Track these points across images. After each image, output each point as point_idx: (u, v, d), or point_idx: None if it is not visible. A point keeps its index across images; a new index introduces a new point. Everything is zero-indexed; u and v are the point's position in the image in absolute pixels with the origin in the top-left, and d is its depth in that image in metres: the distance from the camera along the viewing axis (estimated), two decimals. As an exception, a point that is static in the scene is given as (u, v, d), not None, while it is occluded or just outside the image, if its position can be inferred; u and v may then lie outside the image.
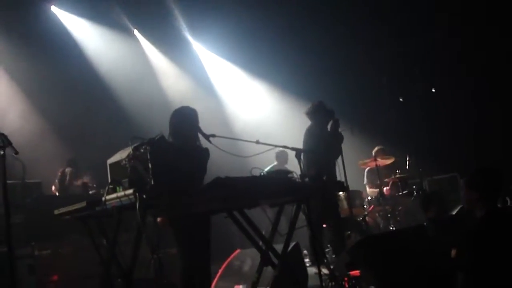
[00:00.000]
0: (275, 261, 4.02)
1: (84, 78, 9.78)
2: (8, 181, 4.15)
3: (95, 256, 4.28)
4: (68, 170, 8.52)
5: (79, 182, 8.33)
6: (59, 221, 4.59)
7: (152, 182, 3.45)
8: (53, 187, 8.56)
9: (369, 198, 8.30)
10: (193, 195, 3.52)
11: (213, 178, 3.42)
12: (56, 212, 4.29)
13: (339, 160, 6.24)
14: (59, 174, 8.55)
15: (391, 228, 7.76)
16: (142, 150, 3.63)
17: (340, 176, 6.05)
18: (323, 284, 4.12)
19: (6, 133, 3.63)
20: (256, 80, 11.54)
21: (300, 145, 6.12)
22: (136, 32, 10.98)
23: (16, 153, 3.57)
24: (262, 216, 4.27)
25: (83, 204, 3.78)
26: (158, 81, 11.09)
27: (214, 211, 3.77)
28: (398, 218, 7.83)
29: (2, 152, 3.44)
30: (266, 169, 6.36)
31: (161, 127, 4.31)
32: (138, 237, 3.84)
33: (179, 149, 4.24)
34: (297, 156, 4.34)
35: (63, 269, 6.29)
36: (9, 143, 3.56)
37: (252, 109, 11.48)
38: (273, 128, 10.31)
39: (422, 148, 8.63)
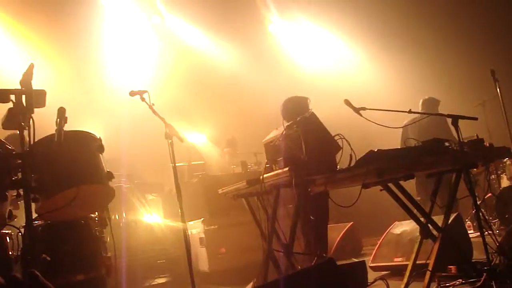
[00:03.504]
0: (435, 233, 3.90)
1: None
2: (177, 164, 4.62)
3: (257, 230, 4.55)
4: (226, 150, 9.02)
5: (237, 162, 8.77)
6: (223, 199, 4.95)
7: (306, 159, 3.55)
8: None
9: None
10: (348, 169, 3.55)
11: (366, 152, 3.41)
12: (220, 191, 4.62)
13: (502, 122, 5.77)
14: (219, 154, 9.13)
15: None
16: (295, 128, 3.75)
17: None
18: (490, 258, 3.86)
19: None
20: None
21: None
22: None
23: (182, 141, 3.96)
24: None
25: (243, 183, 4.03)
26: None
27: (369, 184, 3.76)
28: None
29: (170, 141, 3.85)
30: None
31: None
32: (296, 212, 3.99)
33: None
34: (454, 123, 4.10)
35: (229, 242, 6.75)
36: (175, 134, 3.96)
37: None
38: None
39: None
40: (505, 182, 7.55)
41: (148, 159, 8.77)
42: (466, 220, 7.06)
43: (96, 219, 3.85)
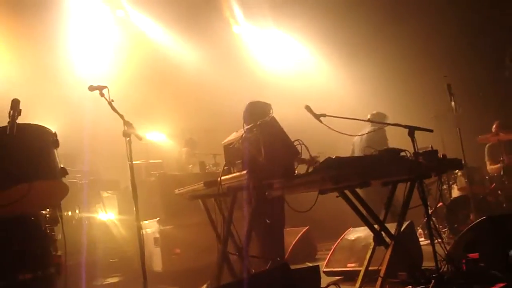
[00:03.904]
0: (388, 240, 3.98)
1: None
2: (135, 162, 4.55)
3: (213, 232, 4.53)
4: (184, 149, 8.96)
5: (195, 161, 8.72)
6: (179, 199, 4.90)
7: (264, 163, 3.56)
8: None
9: (491, 175, 7.82)
10: (306, 175, 3.58)
11: (324, 159, 3.45)
12: (176, 191, 4.58)
13: (458, 135, 5.97)
14: (178, 153, 9.06)
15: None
16: (254, 131, 3.76)
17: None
18: (439, 265, 3.98)
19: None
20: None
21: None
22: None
23: (140, 139, 3.89)
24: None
25: (201, 184, 4.00)
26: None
27: (326, 190, 3.80)
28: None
29: (128, 138, 3.78)
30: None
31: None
32: (252, 216, 4.00)
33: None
34: (410, 134, 4.21)
35: (184, 243, 6.69)
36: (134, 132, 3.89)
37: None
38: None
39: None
40: (455, 192, 7.80)
41: (108, 155, 8.59)
42: (418, 228, 7.25)
43: (47, 216, 3.74)
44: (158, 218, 6.81)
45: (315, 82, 11.17)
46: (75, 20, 9.52)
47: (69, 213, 6.73)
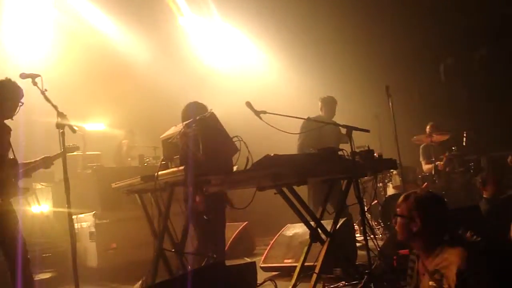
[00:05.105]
0: (324, 237, 4.05)
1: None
2: (70, 154, 4.40)
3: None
4: (124, 142, 8.76)
5: (135, 154, 8.55)
6: (117, 192, 4.78)
7: (202, 159, 3.53)
8: None
9: (424, 174, 8.13)
10: (244, 172, 3.58)
11: (262, 156, 3.46)
12: (113, 185, 4.47)
13: (393, 135, 6.15)
14: (117, 146, 8.84)
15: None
16: (193, 127, 3.71)
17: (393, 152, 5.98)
18: (371, 261, 4.09)
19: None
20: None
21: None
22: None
23: (74, 131, 3.76)
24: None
25: (137, 179, 3.92)
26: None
27: (264, 187, 3.82)
28: (453, 196, 7.63)
29: (62, 130, 3.65)
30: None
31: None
32: (189, 211, 3.96)
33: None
34: (348, 133, 4.29)
35: (120, 237, 6.55)
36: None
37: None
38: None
39: (483, 123, 8.34)
40: (391, 190, 8.06)
41: (42, 146, 8.22)
42: (354, 224, 7.43)
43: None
44: (94, 212, 6.63)
45: (257, 79, 11.17)
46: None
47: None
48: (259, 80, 11.13)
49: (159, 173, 3.77)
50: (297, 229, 5.61)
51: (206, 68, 11.07)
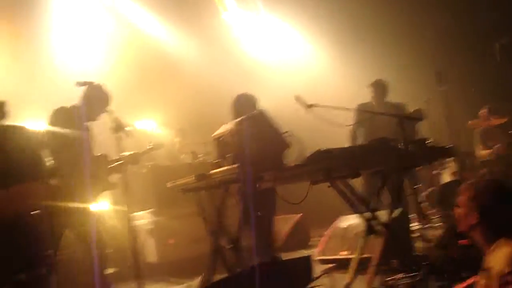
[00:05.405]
0: (380, 228, 4.01)
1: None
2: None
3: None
4: (177, 140, 8.93)
5: (188, 151, 8.68)
6: (172, 189, 4.89)
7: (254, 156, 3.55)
8: None
9: (482, 160, 7.84)
10: (296, 167, 3.59)
11: (314, 150, 3.45)
12: (168, 184, 4.57)
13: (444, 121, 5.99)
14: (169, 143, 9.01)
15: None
16: (244, 124, 3.75)
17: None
18: (430, 252, 4.02)
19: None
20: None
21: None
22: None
23: (127, 136, 3.90)
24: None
25: (192, 178, 4.00)
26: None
27: (318, 181, 3.81)
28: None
29: (118, 135, 3.78)
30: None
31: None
32: (244, 208, 4.01)
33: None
34: (400, 123, 4.22)
35: (178, 233, 6.71)
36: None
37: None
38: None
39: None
40: (447, 177, 7.82)
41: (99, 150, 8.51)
42: (410, 215, 7.30)
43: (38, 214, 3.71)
44: (151, 209, 6.82)
45: (306, 72, 11.09)
46: (63, 9, 9.35)
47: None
48: (305, 71, 11.04)
49: (213, 171, 3.83)
50: (351, 221, 5.56)
51: (252, 62, 11.08)
